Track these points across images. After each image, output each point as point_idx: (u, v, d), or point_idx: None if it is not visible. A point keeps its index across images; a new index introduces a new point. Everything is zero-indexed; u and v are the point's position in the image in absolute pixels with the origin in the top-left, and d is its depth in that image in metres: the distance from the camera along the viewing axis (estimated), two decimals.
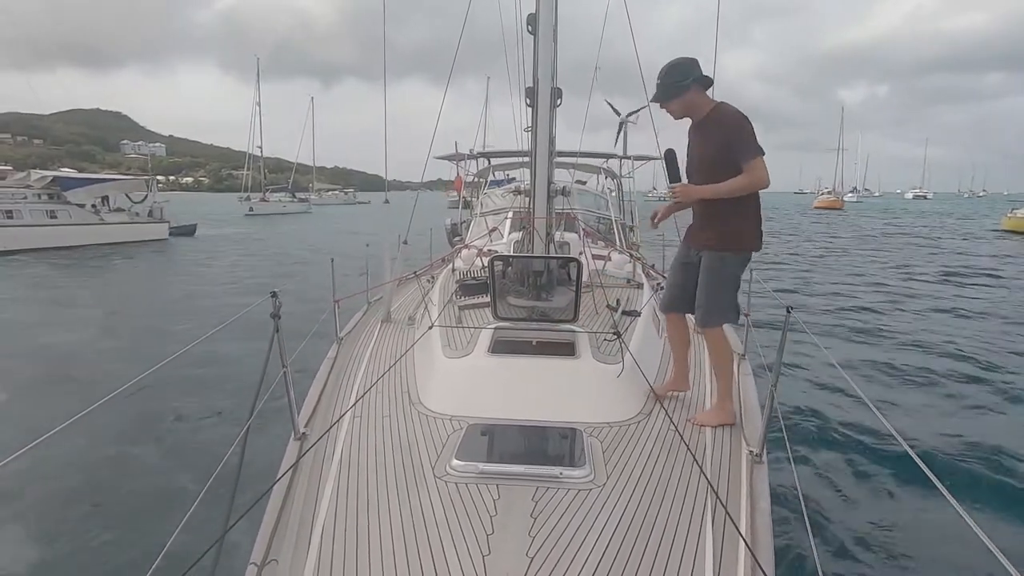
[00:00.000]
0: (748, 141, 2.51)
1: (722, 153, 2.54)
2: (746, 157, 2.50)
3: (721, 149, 2.54)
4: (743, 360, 3.39)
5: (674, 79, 2.62)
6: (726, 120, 2.57)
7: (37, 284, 13.60)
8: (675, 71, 2.62)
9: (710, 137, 2.60)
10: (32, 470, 4.16)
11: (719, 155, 2.55)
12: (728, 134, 2.54)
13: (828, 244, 23.95)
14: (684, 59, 2.66)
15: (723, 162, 2.55)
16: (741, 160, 2.51)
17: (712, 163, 2.58)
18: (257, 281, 13.78)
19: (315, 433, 2.54)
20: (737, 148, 2.52)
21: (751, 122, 2.55)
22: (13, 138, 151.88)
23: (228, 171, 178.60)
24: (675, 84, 2.62)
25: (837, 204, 60.98)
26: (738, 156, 2.51)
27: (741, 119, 2.55)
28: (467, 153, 9.19)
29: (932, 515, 3.67)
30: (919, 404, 5.83)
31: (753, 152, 2.50)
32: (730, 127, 2.54)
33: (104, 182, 23.56)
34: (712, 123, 2.61)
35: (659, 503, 1.99)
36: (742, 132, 2.52)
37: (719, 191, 2.56)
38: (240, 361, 6.41)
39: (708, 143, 2.60)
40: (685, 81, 2.60)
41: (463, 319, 3.48)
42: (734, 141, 2.52)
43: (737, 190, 2.54)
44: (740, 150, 2.51)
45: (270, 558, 1.80)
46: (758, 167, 2.50)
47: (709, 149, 2.59)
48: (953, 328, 9.04)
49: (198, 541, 1.70)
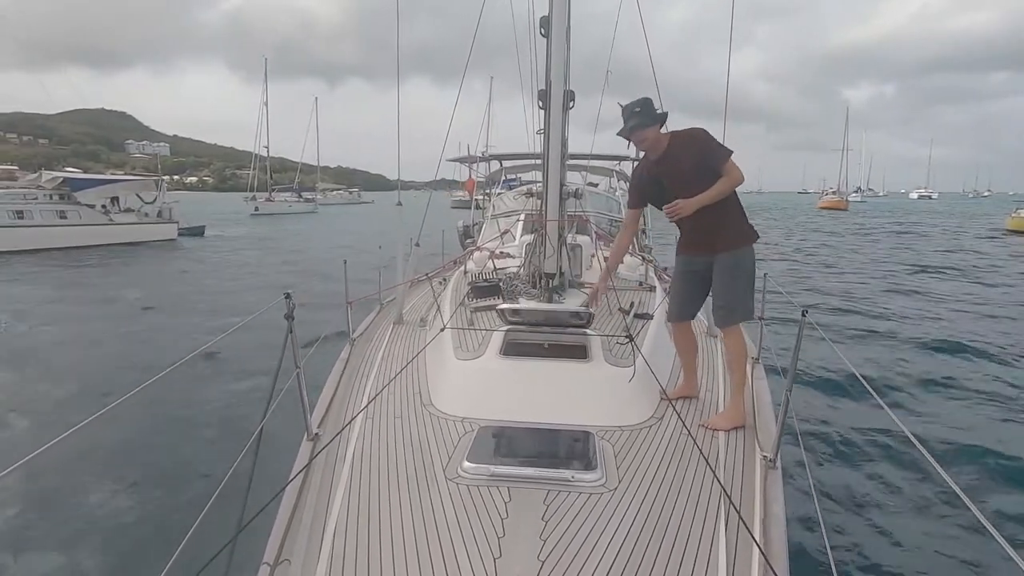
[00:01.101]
0: (716, 147, 2.77)
1: (699, 167, 2.75)
2: (721, 161, 2.74)
3: (697, 164, 2.75)
4: (757, 363, 3.38)
5: (646, 116, 2.80)
6: (689, 138, 2.81)
7: (65, 284, 13.70)
8: (650, 104, 2.83)
9: (682, 159, 2.78)
10: (44, 471, 4.21)
11: (696, 169, 2.75)
12: (698, 147, 2.76)
13: (838, 244, 23.96)
14: (643, 100, 2.85)
15: (701, 174, 2.74)
16: (718, 165, 2.74)
17: (691, 178, 2.76)
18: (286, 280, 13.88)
19: (328, 434, 2.55)
20: (710, 156, 2.75)
21: (706, 130, 2.82)
22: (19, 138, 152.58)
23: (232, 171, 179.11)
24: (648, 118, 2.80)
25: (841, 205, 60.78)
26: (714, 162, 2.74)
27: (699, 132, 2.82)
28: (479, 155, 9.19)
29: (953, 523, 3.62)
30: (938, 408, 5.75)
31: (724, 154, 2.75)
32: (696, 141, 2.79)
33: (114, 182, 23.71)
34: (677, 149, 2.81)
35: (671, 508, 1.98)
36: (709, 142, 2.78)
37: (710, 196, 2.72)
38: (254, 361, 6.45)
39: (682, 164, 2.78)
40: (655, 117, 2.82)
41: (475, 321, 3.48)
42: (705, 152, 2.76)
43: (725, 191, 2.74)
44: (713, 156, 2.75)
45: (283, 558, 1.81)
46: (733, 166, 2.74)
47: (685, 168, 2.77)
48: (973, 330, 8.93)
49: (212, 540, 1.70)
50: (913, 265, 16.80)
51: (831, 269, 16.34)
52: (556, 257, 3.63)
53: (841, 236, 28.06)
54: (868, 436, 4.90)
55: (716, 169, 2.73)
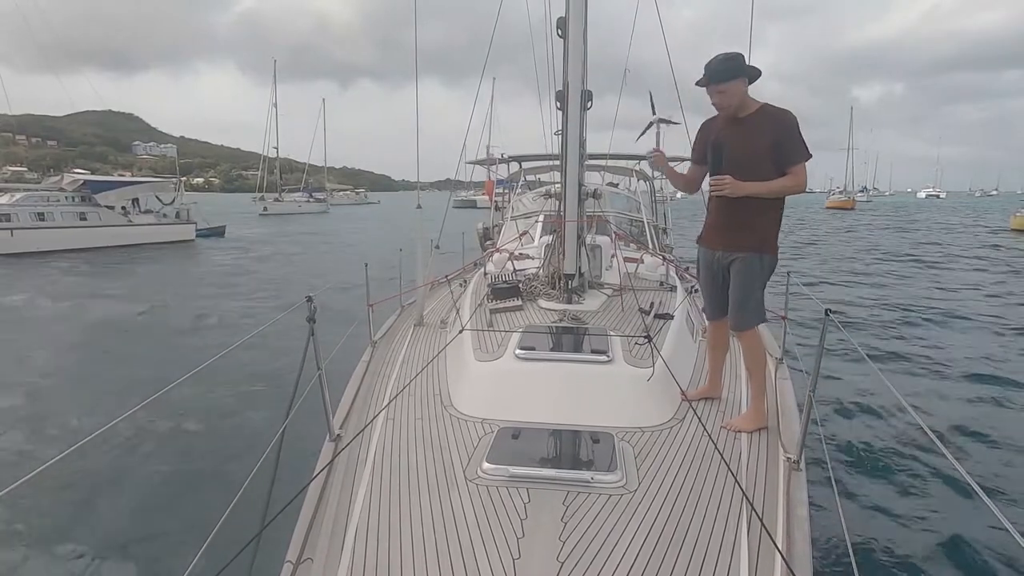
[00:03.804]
0: (800, 143, 2.51)
1: (772, 151, 2.51)
2: (796, 159, 2.50)
3: (772, 147, 2.51)
4: (780, 364, 3.35)
5: (734, 62, 2.57)
6: (780, 119, 2.54)
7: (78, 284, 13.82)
8: (733, 57, 2.58)
9: (760, 133, 2.54)
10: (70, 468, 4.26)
11: (768, 153, 2.52)
12: (781, 133, 2.51)
13: (855, 244, 23.94)
14: (735, 52, 2.63)
15: (770, 160, 2.52)
16: (791, 162, 2.50)
17: (759, 160, 2.53)
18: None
19: (349, 434, 2.56)
20: (789, 149, 2.50)
21: (798, 122, 2.54)
22: (28, 140, 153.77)
23: (238, 172, 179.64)
24: (737, 66, 2.56)
25: (849, 204, 60.44)
26: (788, 157, 2.50)
27: (792, 119, 2.53)
28: (499, 157, 9.20)
29: (980, 530, 3.56)
30: (964, 410, 5.66)
31: (803, 155, 2.51)
32: (785, 127, 2.51)
33: (134, 184, 24.12)
34: (761, 120, 2.56)
35: (692, 511, 1.96)
36: (794, 133, 2.51)
37: (765, 190, 2.53)
38: (279, 361, 6.54)
39: (757, 139, 2.53)
40: (741, 67, 2.56)
41: (494, 323, 3.48)
42: (786, 141, 2.50)
43: (782, 191, 2.54)
44: (792, 151, 2.50)
45: (305, 556, 1.83)
46: (803, 171, 2.51)
47: (759, 145, 2.53)
48: (997, 330, 8.83)
49: (236, 538, 1.72)
50: (934, 263, 16.74)
51: (853, 268, 16.26)
52: (575, 258, 3.63)
53: (860, 236, 27.90)
54: (894, 438, 4.84)
55: (784, 164, 2.50)
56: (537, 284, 4.06)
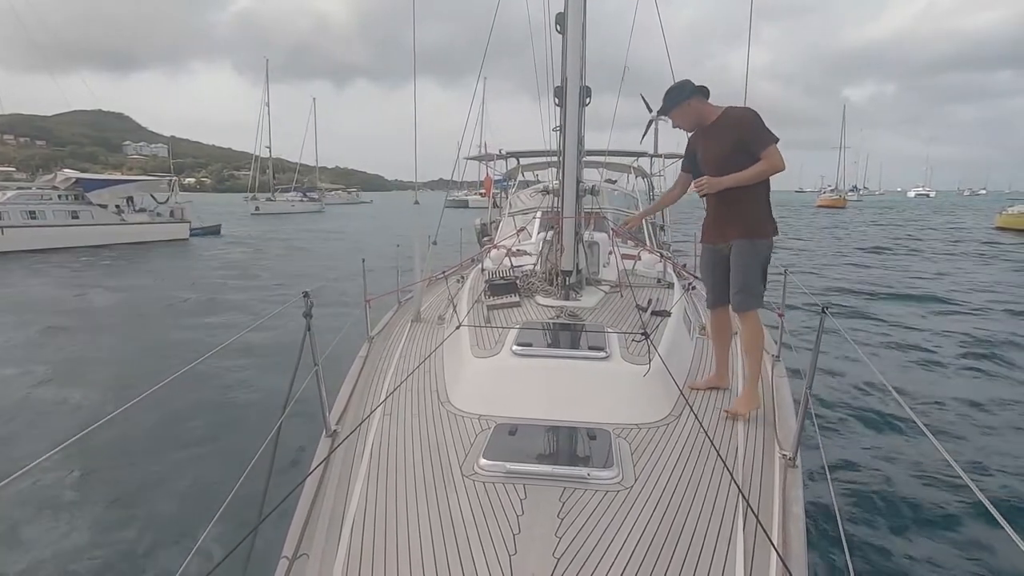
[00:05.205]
0: (761, 131, 2.69)
1: (736, 149, 2.71)
2: (763, 145, 2.68)
3: (735, 145, 2.72)
4: (777, 361, 3.36)
5: (676, 93, 2.90)
6: (740, 117, 2.77)
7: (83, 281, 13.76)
8: (676, 87, 2.92)
9: (723, 137, 2.77)
10: (65, 465, 4.27)
11: (733, 152, 2.72)
12: (741, 131, 2.71)
13: (849, 242, 24.17)
14: (681, 80, 2.96)
15: (737, 157, 2.71)
16: (759, 150, 2.68)
17: (726, 159, 2.74)
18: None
19: (346, 430, 2.55)
20: (752, 140, 2.69)
21: (759, 114, 2.74)
22: (16, 140, 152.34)
23: (230, 171, 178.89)
24: (677, 96, 2.89)
25: (840, 203, 60.95)
26: (756, 146, 2.69)
27: (750, 114, 2.75)
28: (496, 154, 9.19)
29: (975, 529, 3.58)
30: (960, 408, 5.68)
31: (768, 139, 2.68)
32: (742, 123, 2.73)
33: (127, 183, 24.06)
34: (723, 124, 2.80)
35: (688, 507, 1.96)
36: (754, 125, 2.70)
37: (742, 178, 2.71)
38: (276, 356, 6.52)
39: (722, 142, 2.77)
40: (683, 93, 2.88)
41: (492, 319, 3.47)
42: (747, 135, 2.70)
43: (758, 175, 2.71)
44: (756, 141, 2.69)
45: (301, 552, 1.81)
46: (774, 152, 2.68)
47: (724, 147, 2.75)
48: (995, 328, 8.85)
49: (231, 533, 1.70)
50: (930, 263, 16.89)
51: (847, 265, 16.47)
52: (572, 254, 3.62)
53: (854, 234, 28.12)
54: (890, 436, 4.87)
55: (754, 154, 2.69)
56: (534, 280, 4.05)
